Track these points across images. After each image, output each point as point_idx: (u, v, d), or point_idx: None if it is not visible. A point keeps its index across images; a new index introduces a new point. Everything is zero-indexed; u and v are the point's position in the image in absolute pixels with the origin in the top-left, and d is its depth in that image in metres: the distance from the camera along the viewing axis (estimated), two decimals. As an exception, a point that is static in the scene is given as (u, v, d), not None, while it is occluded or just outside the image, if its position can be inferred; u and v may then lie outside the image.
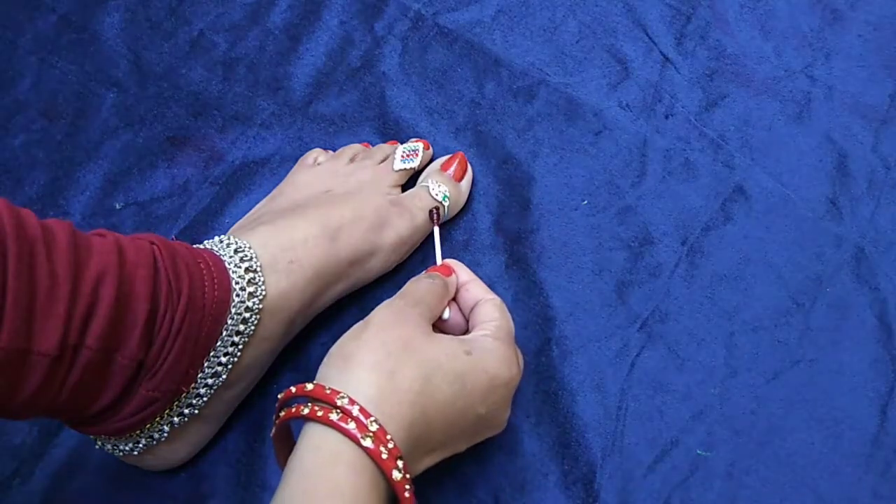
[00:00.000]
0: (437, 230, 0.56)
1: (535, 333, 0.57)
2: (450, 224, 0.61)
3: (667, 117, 0.63)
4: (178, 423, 0.49)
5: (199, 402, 0.49)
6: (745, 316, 0.56)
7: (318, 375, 0.42)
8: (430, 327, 0.46)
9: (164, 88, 0.67)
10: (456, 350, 0.44)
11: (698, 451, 0.53)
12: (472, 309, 0.49)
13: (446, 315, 0.49)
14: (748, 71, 0.64)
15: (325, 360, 0.43)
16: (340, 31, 0.69)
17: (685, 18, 0.67)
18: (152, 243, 0.46)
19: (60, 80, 0.68)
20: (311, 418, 0.39)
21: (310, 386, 0.41)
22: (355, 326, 0.44)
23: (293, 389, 0.41)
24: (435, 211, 0.57)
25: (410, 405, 0.41)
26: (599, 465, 0.53)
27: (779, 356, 0.55)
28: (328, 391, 0.40)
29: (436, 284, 0.48)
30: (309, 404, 0.40)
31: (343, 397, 0.39)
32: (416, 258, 0.59)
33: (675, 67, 0.65)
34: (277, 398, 0.43)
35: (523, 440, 0.54)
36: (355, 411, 0.39)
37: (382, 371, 0.41)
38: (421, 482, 0.45)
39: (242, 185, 0.63)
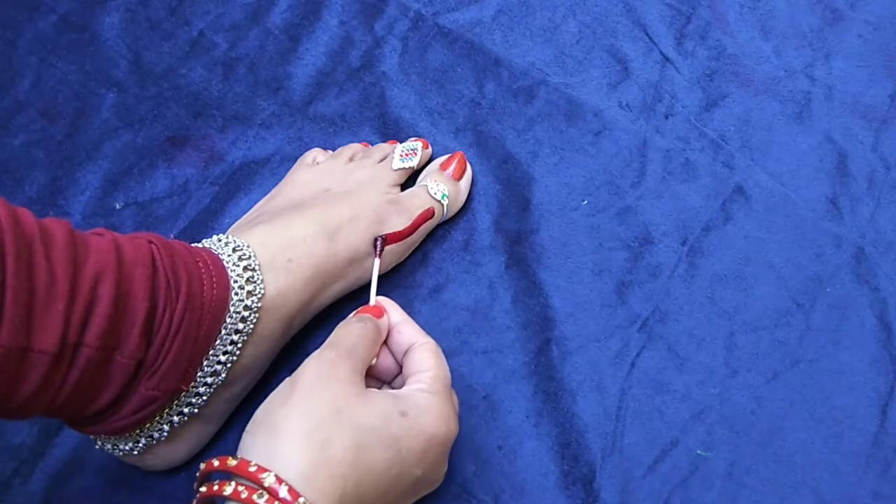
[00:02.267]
0: (377, 263, 0.53)
1: (535, 333, 0.57)
2: (449, 224, 0.61)
3: (667, 117, 0.63)
4: (178, 423, 0.49)
5: (199, 402, 0.49)
6: (745, 316, 0.56)
7: (242, 445, 0.40)
8: (363, 381, 0.43)
9: (164, 88, 0.67)
10: (390, 411, 0.41)
11: (698, 451, 0.53)
12: (405, 353, 0.46)
13: (374, 361, 0.46)
14: (748, 71, 0.64)
15: (250, 426, 0.40)
16: (340, 31, 0.69)
17: (685, 18, 0.67)
18: (151, 242, 0.46)
19: (60, 80, 0.68)
20: (234, 499, 0.37)
21: (233, 461, 0.38)
22: (281, 386, 0.41)
23: (216, 463, 0.39)
24: (379, 240, 0.54)
25: (343, 477, 0.39)
26: (599, 465, 0.53)
27: (779, 356, 0.55)
28: (253, 468, 0.37)
29: (367, 329, 0.45)
30: (232, 483, 0.37)
31: (269, 475, 0.37)
32: (415, 258, 0.59)
33: (675, 67, 0.65)
34: (199, 468, 0.40)
35: (523, 440, 0.54)
36: (283, 492, 0.36)
37: (313, 442, 0.38)
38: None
39: (242, 185, 0.63)
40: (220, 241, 0.50)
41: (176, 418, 0.49)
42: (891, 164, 0.60)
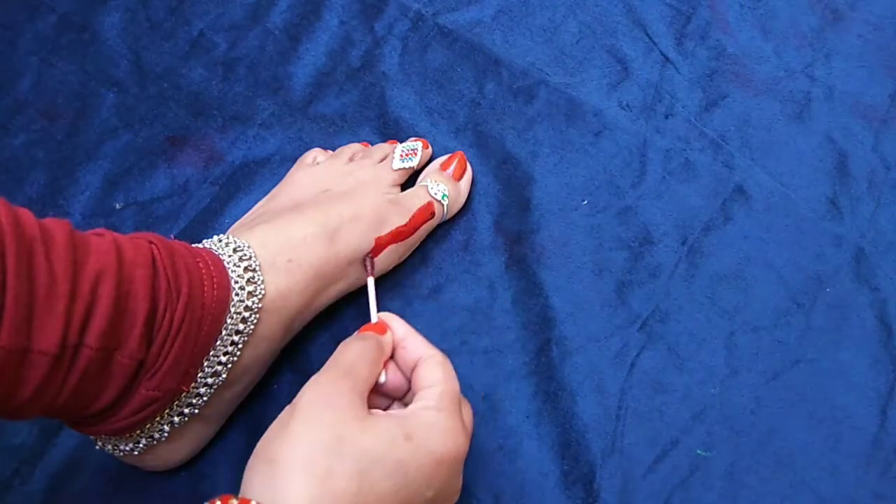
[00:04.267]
0: (371, 281, 0.52)
1: (535, 333, 0.57)
2: (449, 224, 0.61)
3: (667, 117, 0.63)
4: (179, 423, 0.49)
5: (199, 402, 0.49)
6: (745, 316, 0.56)
7: (244, 483, 0.38)
8: (365, 404, 0.41)
9: (164, 88, 0.67)
10: (395, 436, 0.40)
11: (698, 451, 0.53)
12: (413, 368, 0.45)
13: (382, 379, 0.45)
14: (748, 71, 0.64)
15: (250, 462, 0.39)
16: (340, 31, 0.69)
17: (685, 18, 0.67)
18: (151, 242, 0.46)
19: (60, 80, 0.68)
20: None
21: (235, 501, 0.36)
22: (281, 415, 0.40)
23: (218, 503, 0.37)
24: (368, 260, 0.53)
25: None
26: (599, 465, 0.53)
27: (779, 356, 0.55)
28: None
29: (368, 348, 0.44)
30: None
31: None
32: (415, 258, 0.59)
33: (675, 67, 0.65)
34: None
35: (523, 440, 0.54)
36: None
37: (314, 475, 0.37)
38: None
39: (242, 185, 0.63)
40: (220, 241, 0.50)
41: (176, 419, 0.49)
42: (891, 164, 0.60)
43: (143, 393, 0.46)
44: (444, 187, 0.59)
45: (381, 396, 0.46)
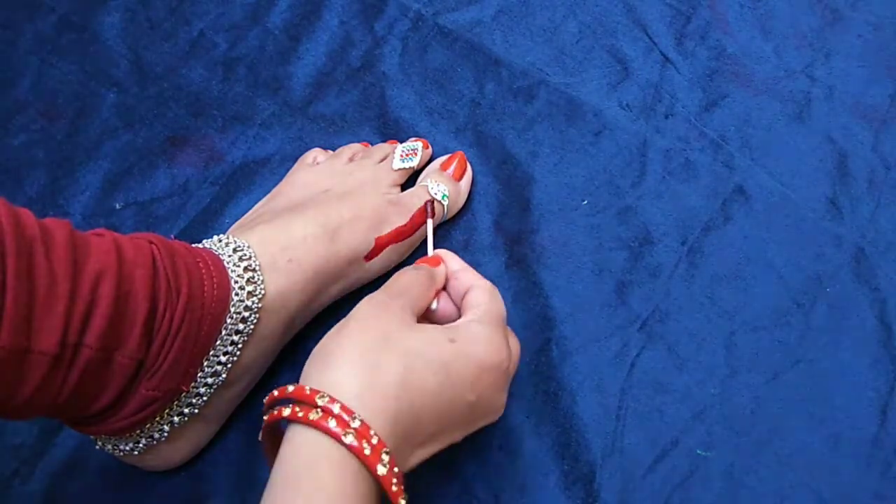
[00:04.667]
0: (430, 222, 0.55)
1: (535, 333, 0.57)
2: (450, 224, 0.61)
3: (667, 117, 0.63)
4: (179, 423, 0.49)
5: (199, 402, 0.49)
6: (745, 316, 0.56)
7: (302, 375, 0.41)
8: (413, 318, 0.44)
9: (164, 88, 0.67)
10: (439, 338, 0.43)
11: (698, 451, 0.53)
12: (463, 297, 0.48)
13: (434, 306, 0.48)
14: (748, 71, 0.64)
15: (309, 360, 0.42)
16: (340, 31, 0.69)
17: (685, 18, 0.67)
18: (151, 242, 0.46)
19: (60, 80, 0.68)
20: (292, 419, 0.39)
21: (291, 388, 0.40)
22: (338, 324, 0.43)
23: (275, 393, 0.41)
24: (430, 204, 0.56)
25: (395, 398, 0.40)
26: (599, 465, 0.53)
27: (779, 356, 0.55)
28: (308, 391, 0.39)
29: (420, 274, 0.47)
30: (290, 406, 0.39)
31: (323, 396, 0.39)
32: (415, 258, 0.59)
33: (675, 67, 0.65)
34: (264, 402, 0.42)
35: (523, 440, 0.54)
36: (336, 409, 0.38)
37: (363, 366, 0.40)
38: (421, 482, 0.45)
39: (242, 185, 0.63)
40: (220, 241, 0.50)
41: (176, 418, 0.49)
42: (891, 164, 0.60)
43: (143, 393, 0.46)
44: (444, 187, 0.59)
45: (430, 322, 0.48)
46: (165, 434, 0.49)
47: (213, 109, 0.66)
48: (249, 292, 0.48)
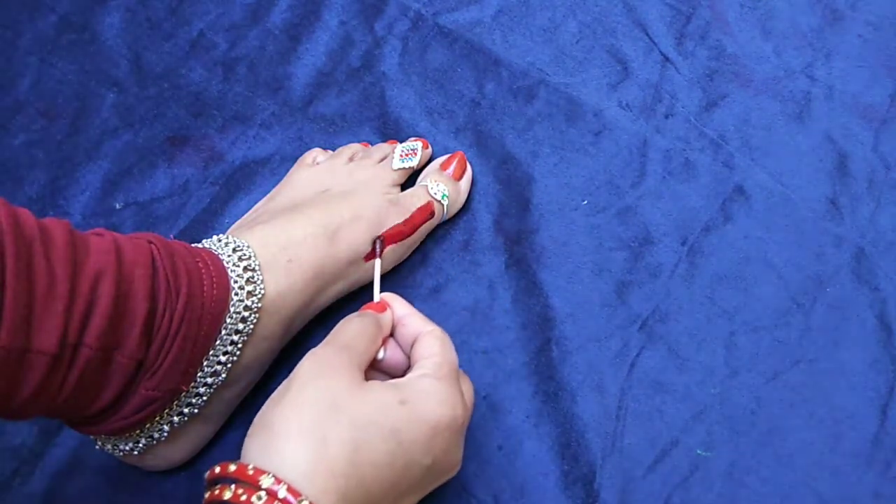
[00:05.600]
0: (378, 263, 0.53)
1: (535, 333, 0.57)
2: (449, 224, 0.61)
3: (667, 117, 0.63)
4: (178, 423, 0.49)
5: (199, 402, 0.49)
6: (745, 316, 0.56)
7: (244, 450, 0.39)
8: (362, 375, 0.42)
9: (164, 88, 0.67)
10: (389, 402, 0.40)
11: (698, 451, 0.53)
12: (412, 345, 0.45)
13: (381, 355, 0.45)
14: (748, 71, 0.64)
15: (250, 430, 0.39)
16: (340, 31, 0.69)
17: (685, 18, 0.67)
18: (150, 242, 0.46)
19: (60, 80, 0.68)
20: (234, 503, 0.36)
21: (233, 466, 0.37)
22: (279, 387, 0.40)
23: (217, 469, 0.38)
24: (379, 241, 0.54)
25: (344, 476, 0.37)
26: (599, 465, 0.53)
27: (779, 356, 0.55)
28: (251, 471, 0.36)
29: (367, 323, 0.44)
30: (232, 486, 0.37)
31: (268, 477, 0.36)
32: (415, 258, 0.59)
33: (675, 67, 0.65)
34: (205, 478, 0.40)
35: (523, 440, 0.54)
36: (282, 492, 0.36)
37: (310, 441, 0.37)
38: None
39: (242, 185, 0.63)
40: (219, 241, 0.50)
41: (176, 418, 0.49)
42: (891, 164, 0.60)
43: (143, 393, 0.46)
44: (443, 187, 0.59)
45: (381, 373, 0.46)
46: (165, 434, 0.49)
47: (213, 109, 0.66)
48: (249, 292, 0.48)
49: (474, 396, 0.46)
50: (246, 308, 0.48)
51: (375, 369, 0.46)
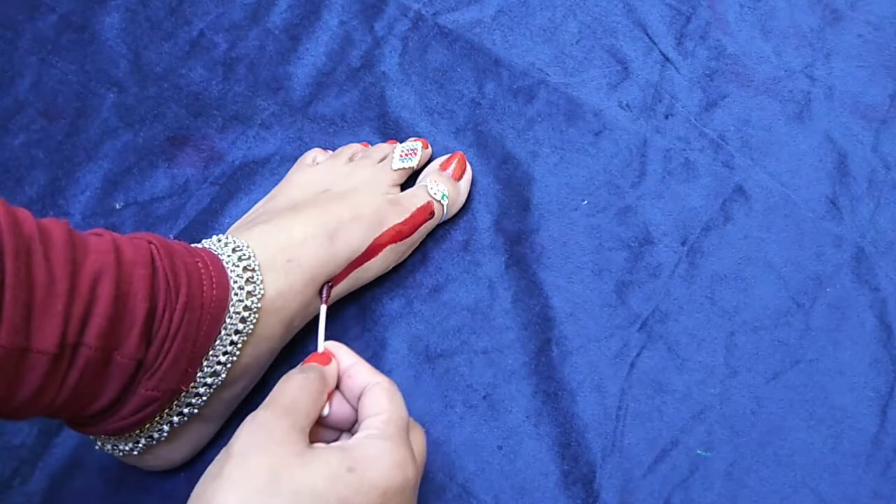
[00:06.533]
0: (324, 309, 0.50)
1: (535, 333, 0.57)
2: (449, 224, 0.61)
3: (667, 117, 0.63)
4: (178, 423, 0.49)
5: (199, 402, 0.49)
6: (745, 316, 0.56)
7: None
8: (306, 439, 0.39)
9: (164, 88, 0.67)
10: (335, 468, 0.38)
11: (698, 451, 0.53)
12: (359, 397, 0.43)
13: (326, 412, 0.43)
14: (748, 71, 0.64)
15: None
16: (340, 31, 0.69)
17: (685, 18, 0.67)
18: (150, 242, 0.46)
19: (60, 80, 0.68)
20: None
21: None
22: (218, 457, 0.39)
23: None
24: (326, 288, 0.52)
25: None
26: (599, 465, 0.53)
27: (779, 356, 0.55)
28: None
29: (309, 381, 0.42)
30: None
31: None
32: (415, 258, 0.59)
33: (675, 67, 0.65)
34: None
35: (523, 440, 0.54)
36: None
37: None
38: (420, 483, 0.45)
39: (242, 185, 0.63)
40: (219, 241, 0.50)
41: (176, 419, 0.49)
42: (891, 164, 0.60)
43: (143, 393, 0.46)
44: (443, 187, 0.59)
45: (328, 429, 0.45)
46: (165, 434, 0.49)
47: (213, 109, 0.66)
48: (249, 292, 0.48)
49: (425, 447, 0.44)
50: (246, 308, 0.48)
51: (321, 425, 0.44)
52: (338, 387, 0.44)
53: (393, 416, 0.41)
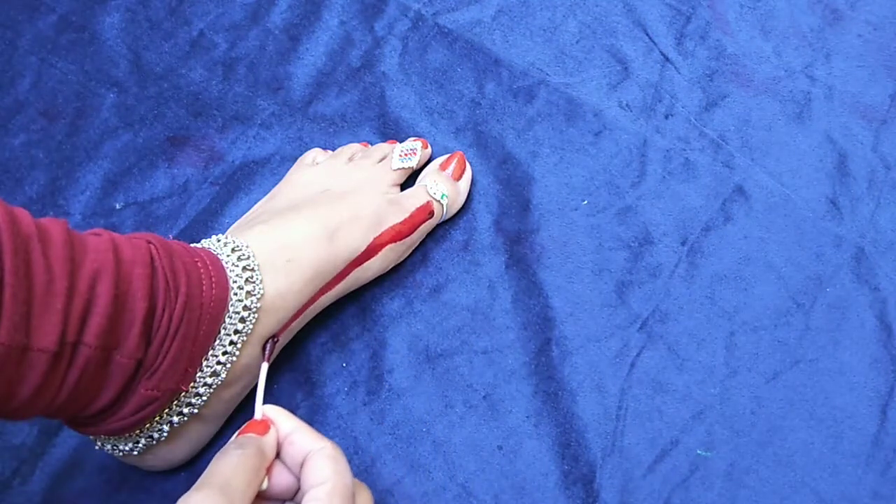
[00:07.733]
0: (264, 368, 0.48)
1: (535, 333, 0.57)
2: (449, 224, 0.61)
3: (667, 117, 0.63)
4: (178, 423, 0.49)
5: (199, 402, 0.49)
6: (745, 316, 0.56)
7: None
8: None
9: (164, 88, 0.67)
10: None
11: (698, 451, 0.53)
12: (301, 464, 0.41)
13: (265, 486, 0.41)
14: (748, 71, 0.64)
15: None
16: (340, 31, 0.69)
17: (685, 18, 0.67)
18: (149, 242, 0.46)
19: (60, 80, 0.68)
20: None
21: None
22: None
23: None
24: (270, 343, 0.50)
25: None
26: (599, 465, 0.53)
27: (779, 356, 0.55)
28: None
29: (246, 456, 0.40)
30: None
31: None
32: (415, 257, 0.59)
33: (675, 67, 0.65)
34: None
35: (523, 440, 0.54)
36: None
37: None
38: (420, 483, 0.45)
39: (242, 185, 0.63)
40: (219, 241, 0.50)
41: (175, 419, 0.49)
42: (891, 164, 0.60)
43: (142, 393, 0.46)
44: (443, 187, 0.59)
45: (270, 502, 0.43)
46: (165, 434, 0.49)
47: (213, 109, 0.66)
48: (248, 292, 0.48)
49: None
50: (245, 308, 0.48)
51: (262, 499, 0.42)
52: (278, 455, 0.42)
53: (337, 486, 0.40)
